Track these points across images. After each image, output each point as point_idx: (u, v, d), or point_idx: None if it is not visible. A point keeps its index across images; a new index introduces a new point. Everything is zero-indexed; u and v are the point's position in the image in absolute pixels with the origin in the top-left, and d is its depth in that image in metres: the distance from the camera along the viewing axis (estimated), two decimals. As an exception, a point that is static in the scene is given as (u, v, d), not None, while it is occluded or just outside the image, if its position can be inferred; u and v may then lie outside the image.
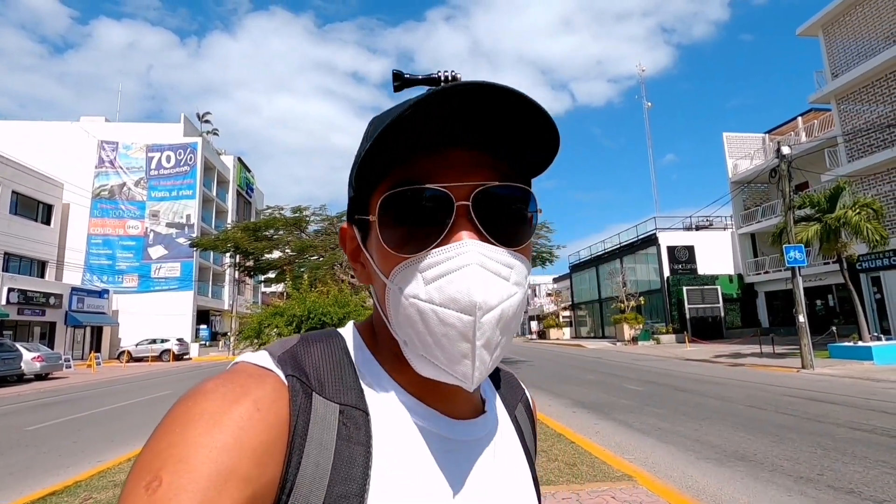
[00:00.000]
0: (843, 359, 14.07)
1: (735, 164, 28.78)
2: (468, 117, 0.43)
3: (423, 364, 0.45)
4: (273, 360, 0.45)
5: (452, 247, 0.43)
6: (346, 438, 0.43)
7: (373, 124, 0.49)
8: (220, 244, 18.54)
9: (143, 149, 36.38)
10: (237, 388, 0.41)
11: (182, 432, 0.37)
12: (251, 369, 0.44)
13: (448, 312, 0.42)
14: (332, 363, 0.47)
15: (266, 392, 0.42)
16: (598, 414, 8.07)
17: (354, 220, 0.51)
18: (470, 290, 0.41)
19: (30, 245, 27.69)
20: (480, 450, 0.51)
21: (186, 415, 0.39)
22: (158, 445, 0.37)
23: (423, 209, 0.44)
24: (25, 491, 4.81)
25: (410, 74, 0.47)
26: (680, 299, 28.60)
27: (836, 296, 23.17)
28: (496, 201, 0.45)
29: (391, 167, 0.45)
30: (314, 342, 0.49)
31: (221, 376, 0.43)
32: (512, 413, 0.60)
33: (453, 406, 0.50)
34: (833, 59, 20.84)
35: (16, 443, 7.35)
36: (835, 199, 15.26)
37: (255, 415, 0.40)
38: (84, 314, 28.85)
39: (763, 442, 5.88)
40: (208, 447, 0.36)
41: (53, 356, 19.73)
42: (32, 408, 11.29)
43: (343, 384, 0.46)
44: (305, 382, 0.44)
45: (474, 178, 0.45)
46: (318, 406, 0.43)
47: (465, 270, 0.42)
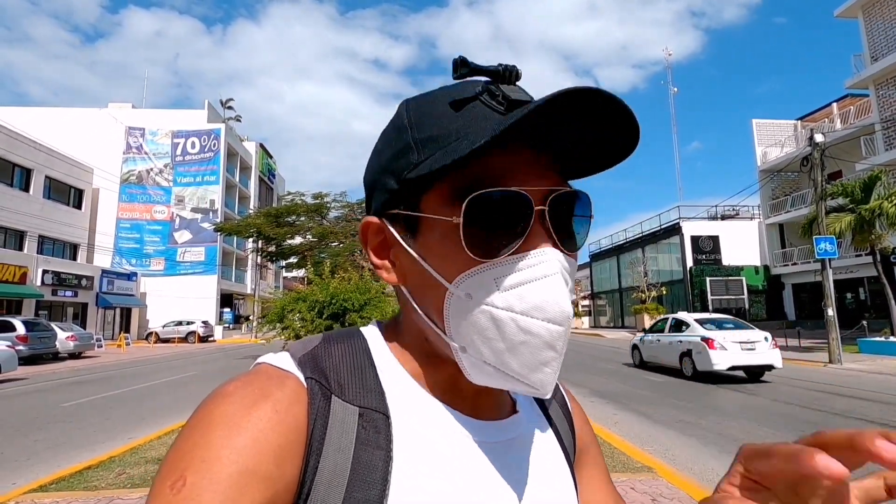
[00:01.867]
0: (874, 354, 13.68)
1: (764, 151, 27.91)
2: (550, 119, 0.42)
3: (481, 372, 0.44)
4: (294, 362, 0.45)
5: (536, 254, 0.42)
6: (366, 442, 0.42)
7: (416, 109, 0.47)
8: (243, 229, 18.88)
9: (169, 135, 37.07)
10: (256, 391, 0.41)
11: (204, 434, 0.38)
12: (271, 371, 0.44)
13: (531, 321, 0.41)
14: (353, 365, 0.47)
15: (285, 395, 0.42)
16: (616, 404, 8.03)
17: (393, 214, 0.47)
18: (559, 300, 0.41)
19: (62, 229, 28.64)
20: (510, 451, 0.49)
21: (208, 417, 0.40)
22: (183, 447, 0.38)
23: (505, 213, 0.42)
24: (63, 464, 5.05)
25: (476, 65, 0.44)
26: (703, 290, 28.08)
27: (867, 289, 22.43)
28: (565, 207, 0.45)
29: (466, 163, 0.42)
30: (335, 343, 0.48)
31: (242, 378, 0.43)
32: (546, 412, 0.58)
33: (481, 408, 0.49)
34: (873, 42, 19.90)
35: (53, 418, 7.70)
36: (870, 189, 14.71)
37: (274, 417, 0.40)
38: (114, 296, 29.84)
39: (787, 437, 5.73)
40: (229, 449, 0.37)
41: (86, 336, 20.50)
42: (67, 385, 11.78)
43: (363, 386, 0.45)
44: (325, 385, 0.44)
45: (545, 180, 0.44)
46: (336, 409, 0.43)
47: (552, 280, 0.42)
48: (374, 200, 0.50)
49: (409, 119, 0.46)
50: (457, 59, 0.45)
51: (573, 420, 0.63)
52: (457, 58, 0.45)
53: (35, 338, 16.71)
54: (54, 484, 4.33)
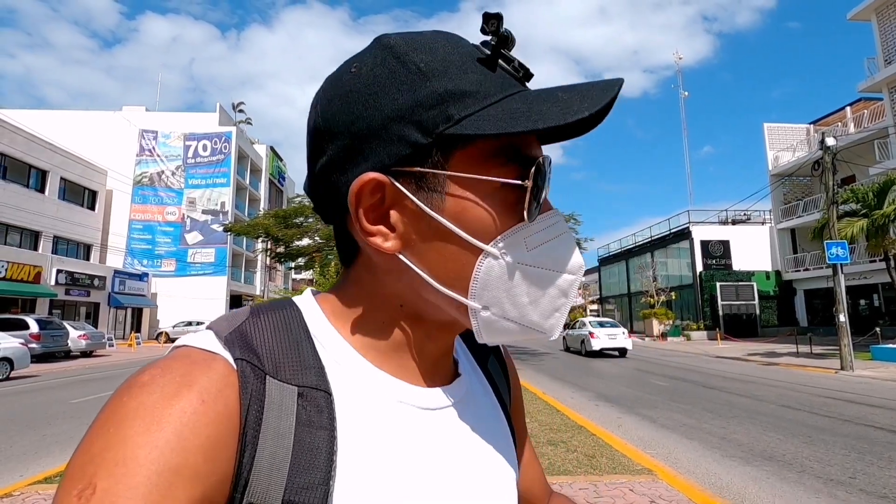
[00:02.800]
0: (887, 361, 13.43)
1: (776, 156, 27.59)
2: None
3: (493, 330, 0.44)
4: (220, 342, 0.40)
5: (552, 214, 0.45)
6: (307, 423, 0.39)
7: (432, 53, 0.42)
8: (252, 230, 19.05)
9: (181, 137, 37.55)
10: (178, 378, 0.37)
11: (117, 431, 0.34)
12: (195, 354, 0.39)
13: (553, 274, 0.44)
14: (288, 339, 0.42)
15: (212, 380, 0.37)
16: (621, 408, 7.97)
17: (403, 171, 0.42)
18: (574, 253, 0.45)
19: (76, 229, 29.09)
20: (456, 415, 0.48)
21: (121, 411, 0.35)
22: (91, 448, 0.33)
23: (546, 177, 0.44)
24: (69, 458, 5.12)
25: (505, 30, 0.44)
26: (713, 295, 27.77)
27: (881, 295, 22.04)
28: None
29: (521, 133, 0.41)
30: (266, 315, 0.44)
31: (160, 364, 0.38)
32: (484, 366, 0.58)
33: (426, 375, 0.48)
34: (886, 45, 19.64)
35: (62, 414, 7.82)
36: (883, 194, 14.47)
37: (200, 408, 0.36)
38: (125, 296, 30.22)
39: (793, 442, 5.70)
40: (148, 447, 0.33)
41: (97, 335, 20.78)
42: (78, 382, 11.95)
43: (301, 363, 0.41)
44: (257, 365, 0.39)
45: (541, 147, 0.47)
46: (272, 391, 0.39)
47: (566, 236, 0.46)
48: (372, 153, 0.42)
49: (420, 63, 0.41)
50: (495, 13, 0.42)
51: (508, 372, 0.63)
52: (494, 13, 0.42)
53: (48, 336, 16.98)
54: (59, 476, 4.40)
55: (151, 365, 0.39)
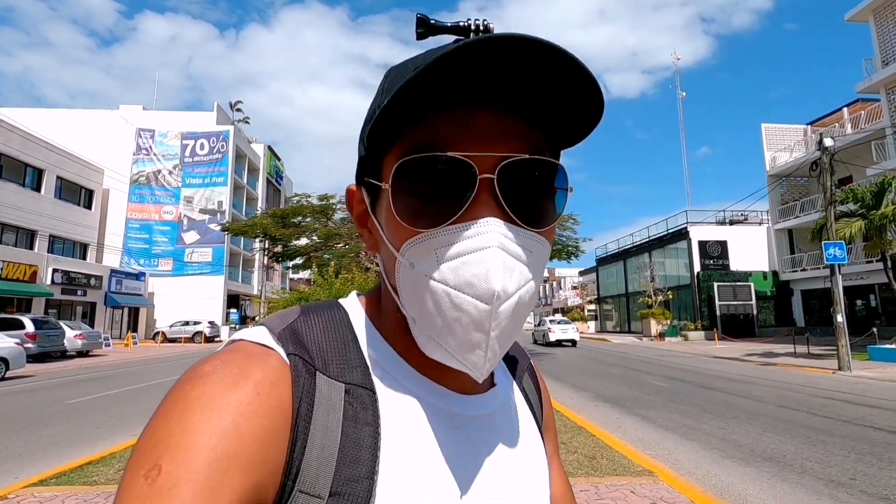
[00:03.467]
0: (884, 361, 13.45)
1: (773, 156, 27.65)
2: (499, 75, 0.38)
3: (431, 345, 0.42)
4: (273, 337, 0.42)
5: (472, 224, 0.39)
6: (353, 419, 0.41)
7: (389, 76, 0.44)
8: (250, 230, 18.97)
9: (178, 136, 37.43)
10: (235, 371, 0.39)
11: (180, 419, 0.36)
12: (250, 348, 0.41)
13: (462, 297, 0.38)
14: (336, 339, 0.45)
15: (267, 373, 0.39)
16: (620, 408, 7.96)
17: (364, 182, 0.47)
18: (489, 276, 0.38)
19: (73, 228, 28.96)
20: (491, 424, 0.49)
21: (184, 399, 0.37)
22: (157, 433, 0.36)
23: (442, 180, 0.39)
24: (65, 460, 5.08)
25: (437, 21, 0.42)
26: (710, 295, 27.81)
27: (878, 296, 22.11)
28: (524, 176, 0.41)
29: (407, 127, 0.41)
30: (315, 315, 0.46)
31: (219, 356, 0.40)
32: (520, 382, 0.58)
33: (463, 381, 0.48)
34: (884, 46, 19.69)
35: (58, 415, 7.76)
36: (881, 195, 14.51)
37: (256, 399, 0.38)
38: (122, 295, 30.10)
39: (793, 443, 5.70)
40: (207, 434, 0.35)
41: (94, 334, 20.68)
42: (74, 382, 11.88)
43: (348, 361, 0.44)
44: (308, 361, 0.41)
45: (500, 146, 0.40)
46: (322, 386, 0.41)
47: (485, 253, 0.38)
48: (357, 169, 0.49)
49: (383, 86, 0.45)
50: (417, 16, 0.42)
51: (541, 391, 0.63)
52: (418, 15, 0.43)
53: (44, 336, 16.89)
54: (55, 478, 4.36)
55: (211, 357, 0.41)
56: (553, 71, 0.38)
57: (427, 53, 0.41)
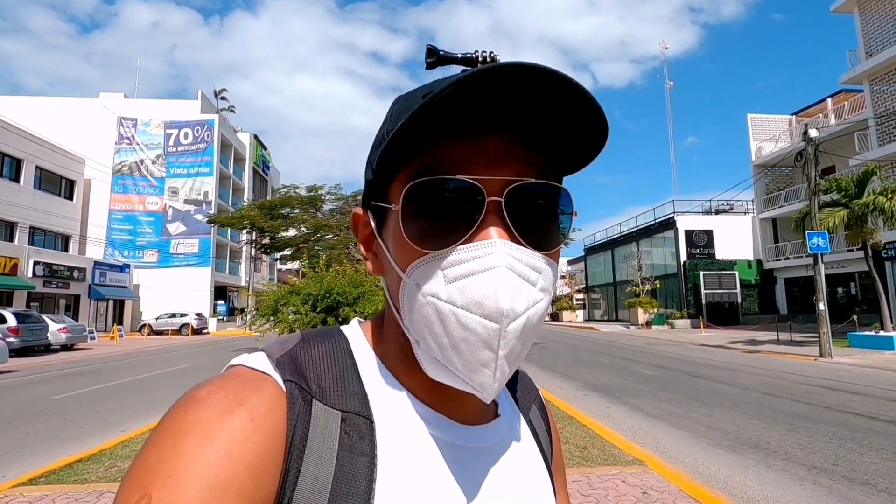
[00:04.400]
0: (864, 348, 13.82)
1: (759, 146, 27.98)
2: (508, 102, 0.39)
3: (435, 368, 0.42)
4: (271, 364, 0.42)
5: (480, 245, 0.39)
6: (349, 449, 0.40)
7: (398, 104, 0.46)
8: (237, 221, 18.78)
9: (162, 125, 36.68)
10: (231, 396, 0.39)
11: (173, 445, 0.36)
12: (247, 374, 0.41)
13: (470, 316, 0.38)
14: (335, 366, 0.45)
15: (262, 400, 0.39)
16: (609, 398, 8.08)
17: (371, 206, 0.47)
18: (497, 295, 0.38)
19: (54, 220, 28.35)
20: (494, 456, 0.48)
21: (178, 425, 0.37)
22: (148, 460, 0.36)
23: (451, 202, 0.40)
24: (52, 458, 5.02)
25: (446, 52, 0.43)
26: (696, 284, 28.24)
27: (858, 284, 22.65)
28: (531, 199, 0.42)
29: (417, 152, 0.41)
30: (315, 342, 0.46)
31: (215, 382, 0.40)
32: (526, 415, 0.57)
33: (465, 411, 0.47)
34: (868, 38, 19.93)
35: (44, 411, 7.65)
36: (863, 185, 14.79)
37: (250, 426, 0.37)
38: (106, 288, 29.64)
39: (777, 430, 5.84)
40: (200, 461, 0.35)
41: (78, 328, 20.37)
42: (59, 377, 11.71)
43: (346, 389, 0.43)
44: (305, 388, 0.41)
45: (507, 170, 0.41)
46: (318, 414, 0.41)
47: (494, 273, 0.39)
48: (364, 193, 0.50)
49: (391, 113, 0.46)
50: (428, 47, 0.43)
51: (550, 425, 0.62)
52: (427, 46, 0.43)
53: (26, 330, 16.59)
54: (44, 477, 4.30)
55: (207, 382, 0.41)
56: (558, 98, 0.39)
57: (436, 83, 0.42)
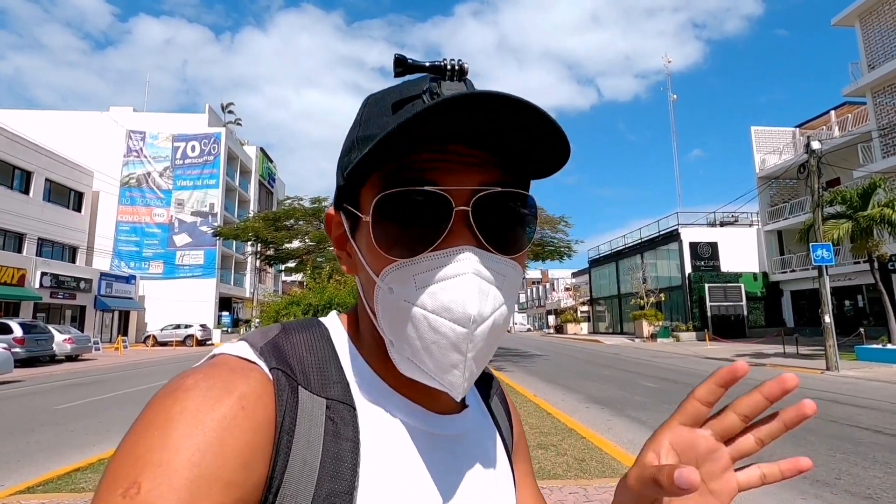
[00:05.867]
0: (871, 361, 13.63)
1: (763, 158, 27.95)
2: (479, 123, 0.41)
3: (408, 366, 0.44)
4: (255, 352, 0.43)
5: (448, 253, 0.41)
6: (334, 434, 0.41)
7: (367, 106, 0.47)
8: (241, 233, 18.90)
9: (170, 138, 37.19)
10: (219, 384, 0.39)
11: (161, 434, 0.35)
12: (233, 362, 0.41)
13: (440, 321, 0.40)
14: (317, 355, 0.46)
15: (251, 388, 0.39)
16: (611, 410, 8.01)
17: (343, 208, 0.48)
18: (465, 301, 0.40)
19: (62, 231, 28.68)
20: (463, 444, 0.50)
21: (165, 414, 0.37)
22: (136, 449, 0.35)
23: (419, 212, 0.41)
24: (53, 467, 5.04)
25: (414, 61, 0.44)
26: (701, 296, 28.04)
27: (865, 296, 22.40)
28: (496, 207, 0.43)
29: (386, 160, 0.42)
30: (296, 332, 0.47)
31: (201, 370, 0.40)
32: (488, 404, 0.60)
33: (436, 401, 0.49)
34: (870, 50, 19.99)
35: (46, 421, 7.67)
36: (867, 197, 14.73)
37: (240, 413, 0.38)
38: (112, 299, 29.82)
39: (779, 443, 5.63)
40: (190, 450, 0.34)
41: (83, 338, 20.47)
42: (62, 388, 11.75)
43: (328, 378, 0.44)
44: (291, 376, 0.42)
45: (475, 178, 0.42)
46: (304, 401, 0.41)
47: (461, 279, 0.40)
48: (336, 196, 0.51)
49: (361, 116, 0.47)
50: (395, 56, 0.43)
51: (511, 414, 0.64)
52: (395, 55, 0.43)
53: (32, 340, 16.69)
54: (42, 486, 4.32)
55: (193, 370, 0.41)
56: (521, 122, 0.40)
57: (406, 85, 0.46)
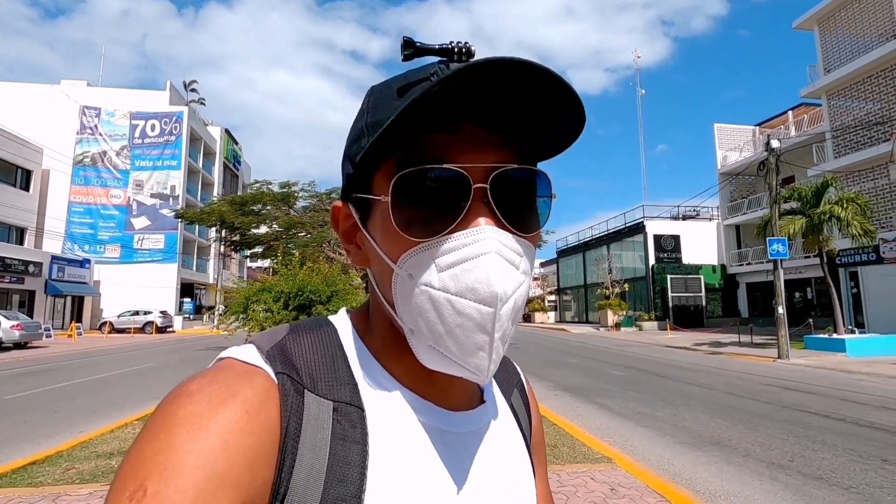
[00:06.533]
0: (819, 350, 14.48)
1: (724, 155, 28.96)
2: (491, 93, 0.40)
3: (431, 355, 0.43)
4: (261, 356, 0.43)
5: (470, 232, 0.40)
6: (342, 437, 0.41)
7: (373, 95, 0.46)
8: (206, 217, 18.28)
9: (127, 116, 35.37)
10: (224, 389, 0.39)
11: (167, 438, 0.35)
12: (238, 367, 0.41)
13: (465, 302, 0.39)
14: (325, 356, 0.45)
15: (255, 392, 0.39)
16: (579, 397, 8.23)
17: (352, 198, 0.47)
18: (490, 280, 0.39)
19: (7, 211, 26.95)
20: (480, 441, 0.49)
21: (171, 419, 0.37)
22: (142, 453, 0.35)
23: (438, 190, 0.41)
24: (5, 460, 4.77)
25: (422, 43, 0.43)
26: (664, 287, 29.04)
27: (814, 289, 23.71)
28: (513, 185, 0.43)
29: (400, 143, 0.42)
30: (304, 333, 0.47)
31: (206, 375, 0.40)
32: (508, 399, 0.59)
33: (451, 398, 0.49)
34: (827, 54, 20.91)
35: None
36: (820, 195, 15.49)
37: (244, 417, 0.38)
38: (65, 283, 28.36)
39: (738, 428, 6.06)
40: (195, 453, 0.35)
41: (33, 325, 19.44)
42: (11, 377, 11.14)
43: (336, 379, 0.44)
44: (296, 379, 0.42)
45: (490, 157, 0.42)
46: (310, 404, 0.41)
47: (485, 259, 0.40)
48: (342, 185, 0.50)
49: (367, 104, 0.46)
50: (403, 39, 0.43)
51: (530, 407, 0.65)
52: (403, 38, 0.43)
53: (-24, 326, 15.74)
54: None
55: (198, 375, 0.41)
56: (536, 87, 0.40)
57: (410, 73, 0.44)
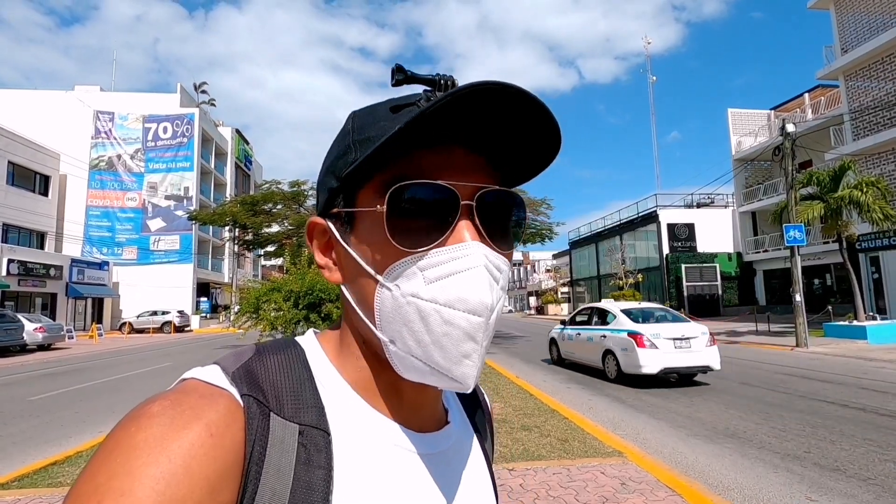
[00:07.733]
0: (838, 338, 14.20)
1: (739, 140, 28.41)
2: (475, 117, 0.42)
3: (407, 366, 0.44)
4: (227, 377, 0.42)
5: (459, 247, 0.42)
6: (306, 462, 0.41)
7: (360, 118, 0.48)
8: (219, 218, 18.49)
9: (140, 119, 35.85)
10: (187, 411, 0.38)
11: (125, 462, 0.34)
12: (202, 388, 0.41)
13: (454, 313, 0.41)
14: (291, 378, 0.45)
15: (220, 415, 0.39)
16: (591, 390, 8.18)
17: (333, 213, 0.48)
18: (480, 292, 0.42)
19: (28, 216, 27.59)
20: (446, 461, 0.50)
21: (129, 441, 0.35)
22: (97, 477, 0.34)
23: (431, 205, 0.43)
24: (28, 460, 4.91)
25: (413, 72, 0.46)
26: (678, 277, 28.68)
27: (833, 275, 23.22)
28: (494, 205, 0.46)
29: (391, 161, 0.43)
30: (271, 354, 0.46)
31: (168, 396, 0.39)
32: (472, 419, 0.60)
33: (419, 419, 0.49)
34: (843, 34, 20.32)
35: (19, 413, 7.48)
36: (838, 179, 15.12)
37: (208, 441, 0.37)
38: (85, 286, 28.99)
39: (753, 419, 5.98)
40: (154, 478, 0.34)
41: (55, 327, 19.91)
42: (36, 378, 11.45)
43: (302, 402, 0.43)
44: (263, 402, 0.41)
45: (474, 177, 0.45)
46: (276, 428, 0.41)
47: (474, 272, 0.42)
48: (319, 202, 0.51)
49: (352, 125, 0.48)
50: (395, 66, 0.45)
51: (492, 426, 0.66)
52: (395, 65, 0.45)
53: (1, 329, 16.18)
54: (17, 481, 4.21)
55: (160, 396, 0.40)
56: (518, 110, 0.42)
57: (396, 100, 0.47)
